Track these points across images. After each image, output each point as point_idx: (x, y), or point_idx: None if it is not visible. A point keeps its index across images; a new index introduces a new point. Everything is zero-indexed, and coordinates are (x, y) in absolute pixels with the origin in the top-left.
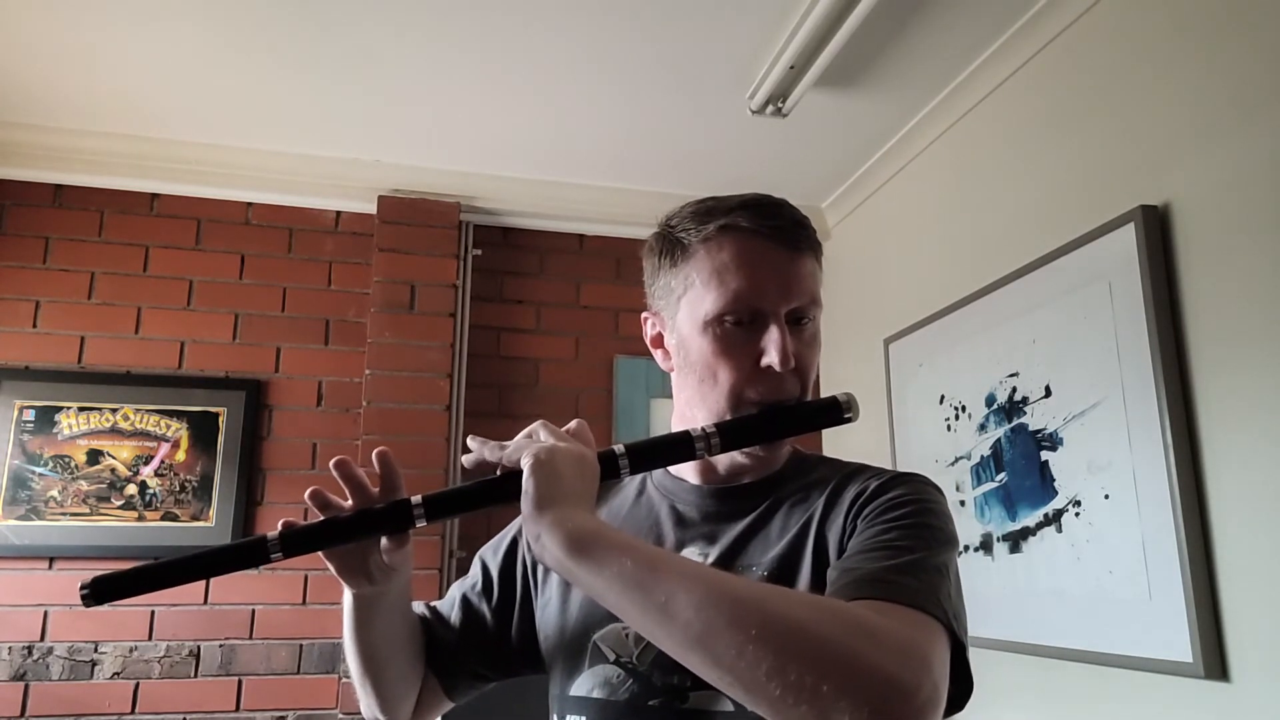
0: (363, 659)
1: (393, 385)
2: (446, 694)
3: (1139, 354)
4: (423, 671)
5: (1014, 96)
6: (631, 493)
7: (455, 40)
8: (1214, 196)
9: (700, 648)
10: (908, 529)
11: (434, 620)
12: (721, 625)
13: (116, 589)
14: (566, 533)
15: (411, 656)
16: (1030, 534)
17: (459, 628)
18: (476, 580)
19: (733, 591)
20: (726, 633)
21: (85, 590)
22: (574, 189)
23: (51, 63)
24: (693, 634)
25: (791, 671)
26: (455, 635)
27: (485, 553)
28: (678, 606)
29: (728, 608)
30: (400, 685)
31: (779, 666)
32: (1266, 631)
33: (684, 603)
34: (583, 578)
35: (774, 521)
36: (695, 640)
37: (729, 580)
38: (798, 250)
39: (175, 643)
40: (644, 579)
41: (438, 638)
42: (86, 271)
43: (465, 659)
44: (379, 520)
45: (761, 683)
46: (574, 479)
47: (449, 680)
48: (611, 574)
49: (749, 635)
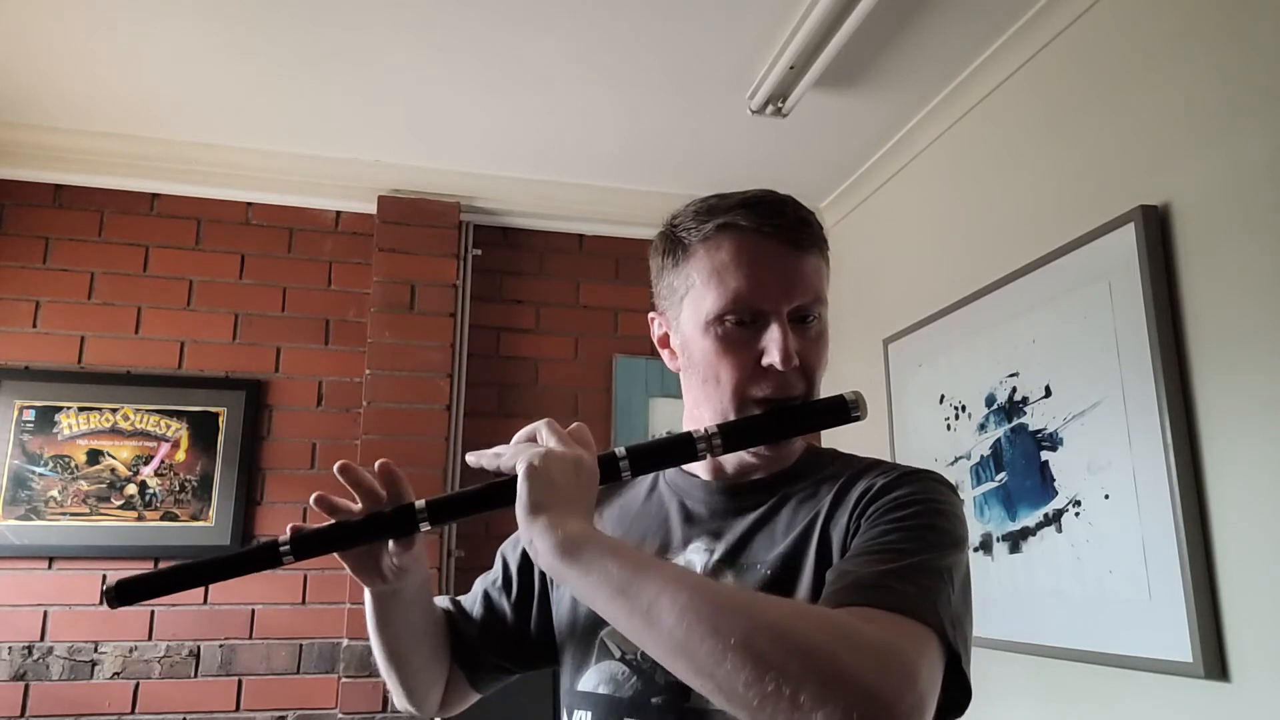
0: (387, 653)
1: (393, 385)
2: (472, 685)
3: (1139, 354)
4: (448, 664)
5: (1014, 97)
6: (643, 490)
7: (456, 40)
8: (1214, 196)
9: (682, 655)
10: (910, 530)
11: (457, 614)
12: (702, 633)
13: (138, 592)
14: (556, 538)
15: (435, 649)
16: (1030, 534)
17: (480, 622)
18: (497, 575)
19: (715, 599)
20: (707, 641)
21: (110, 593)
22: (574, 189)
23: (51, 63)
24: (675, 641)
25: (769, 681)
26: (477, 629)
27: (506, 548)
28: (660, 613)
29: (709, 616)
30: (425, 677)
31: (757, 676)
32: (1266, 631)
33: (666, 610)
34: (572, 581)
35: (780, 518)
36: (677, 647)
37: (713, 588)
38: (799, 248)
39: (175, 643)
40: (629, 585)
41: (461, 631)
42: (86, 271)
43: (487, 652)
44: (385, 525)
45: (739, 691)
46: (568, 484)
47: (473, 673)
48: (597, 579)
49: (728, 644)
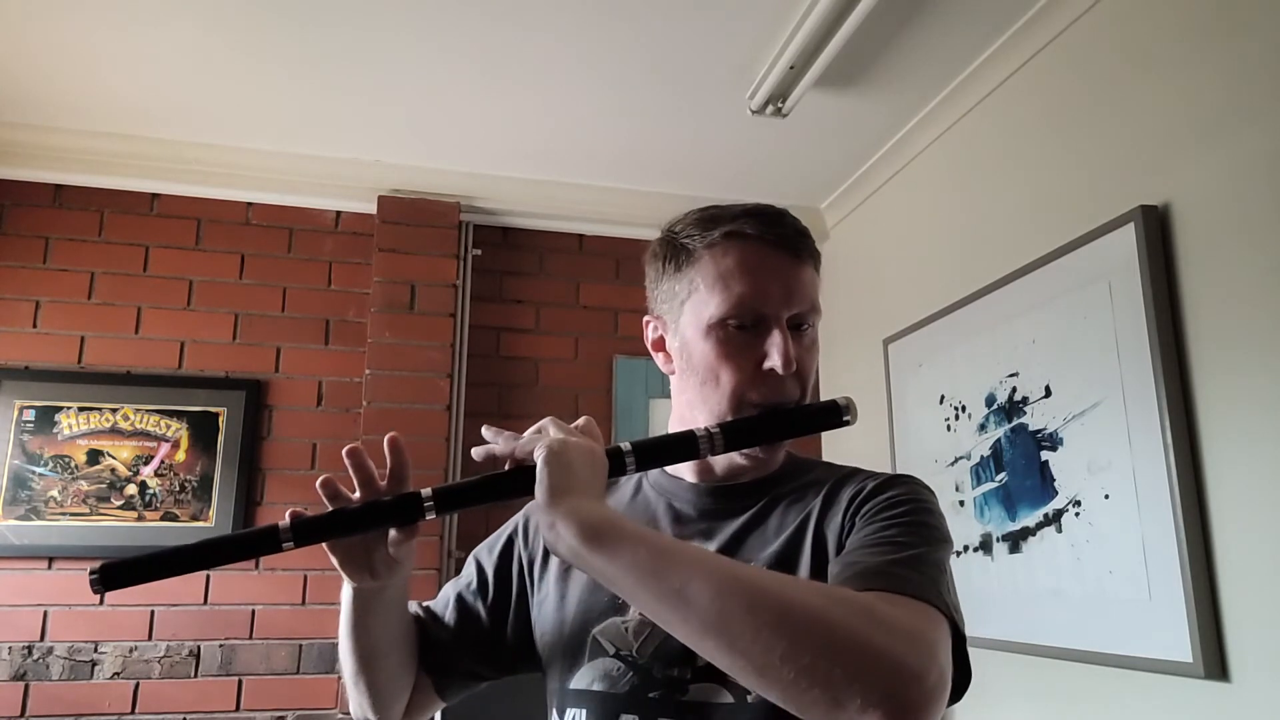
0: (358, 656)
1: (393, 385)
2: (438, 693)
3: (1139, 354)
4: (415, 671)
5: (1013, 97)
6: (628, 492)
7: (456, 40)
8: (1214, 196)
9: (716, 633)
10: (906, 526)
11: (428, 620)
12: (738, 611)
13: (126, 575)
14: (581, 521)
15: (406, 655)
16: (1030, 534)
17: (454, 626)
18: (471, 579)
19: (748, 578)
20: (743, 618)
21: (94, 575)
22: (574, 189)
23: (51, 63)
24: (709, 619)
25: (805, 656)
26: (450, 634)
27: (480, 552)
28: (693, 592)
29: (744, 594)
30: (393, 685)
31: (793, 652)
32: (1266, 631)
33: (700, 589)
34: (597, 565)
35: (771, 519)
36: (711, 625)
37: (743, 568)
38: (799, 258)
39: (175, 643)
40: (659, 566)
41: (432, 637)
42: (86, 271)
43: (460, 658)
44: (389, 512)
45: (775, 667)
46: (586, 471)
47: (442, 679)
48: (626, 561)
49: (764, 621)
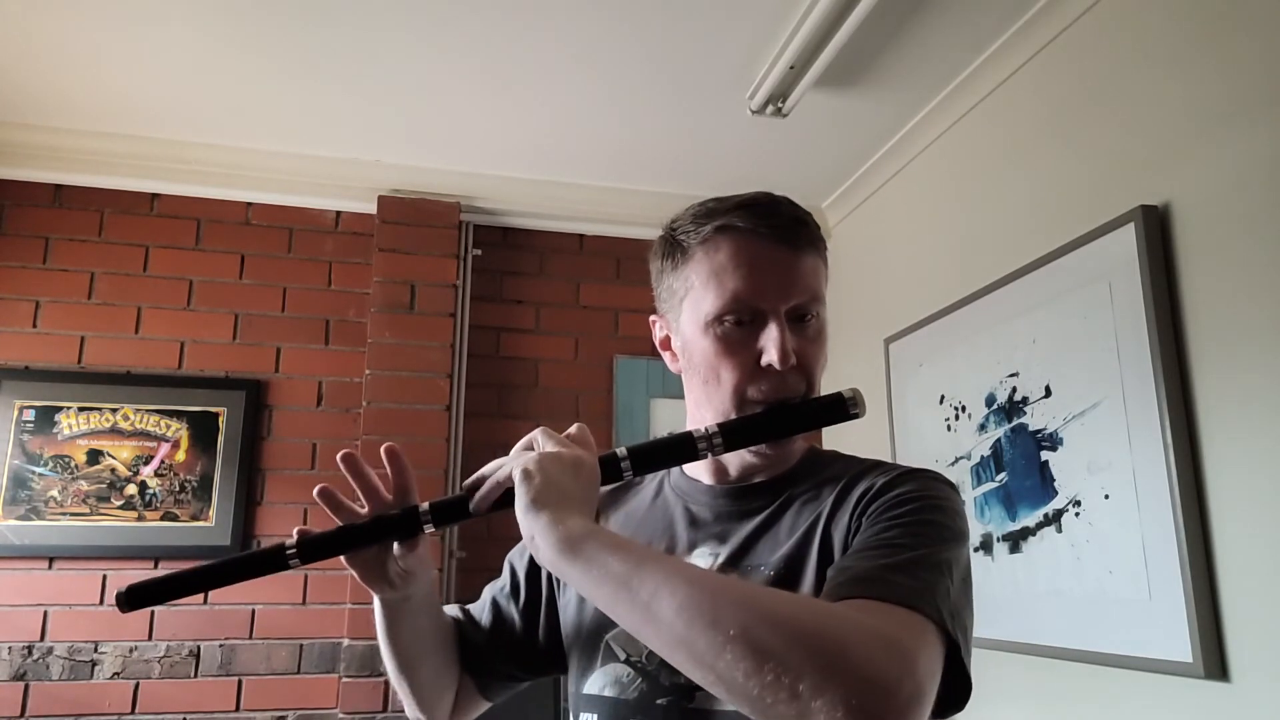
0: (397, 661)
1: (393, 385)
2: (481, 694)
3: (1139, 354)
4: (458, 672)
5: (1014, 96)
6: (649, 494)
7: (455, 40)
8: (1214, 196)
9: (682, 647)
10: (909, 526)
11: (466, 622)
12: (701, 625)
13: (150, 596)
14: (558, 534)
15: (445, 657)
16: (1030, 534)
17: (489, 629)
18: (505, 583)
19: (714, 591)
20: (706, 632)
21: (122, 597)
22: (574, 189)
23: (51, 63)
24: (675, 633)
25: (769, 671)
26: (486, 637)
27: (513, 555)
28: (660, 606)
29: (708, 608)
30: (435, 685)
31: (757, 666)
32: (1266, 631)
33: (666, 603)
34: (574, 577)
35: (784, 520)
36: (678, 640)
37: (712, 580)
38: (796, 248)
39: (175, 643)
40: (630, 579)
41: (470, 639)
42: (86, 271)
43: (496, 660)
44: (390, 527)
45: (740, 682)
46: (567, 483)
47: (482, 680)
48: (600, 574)
49: (727, 635)
